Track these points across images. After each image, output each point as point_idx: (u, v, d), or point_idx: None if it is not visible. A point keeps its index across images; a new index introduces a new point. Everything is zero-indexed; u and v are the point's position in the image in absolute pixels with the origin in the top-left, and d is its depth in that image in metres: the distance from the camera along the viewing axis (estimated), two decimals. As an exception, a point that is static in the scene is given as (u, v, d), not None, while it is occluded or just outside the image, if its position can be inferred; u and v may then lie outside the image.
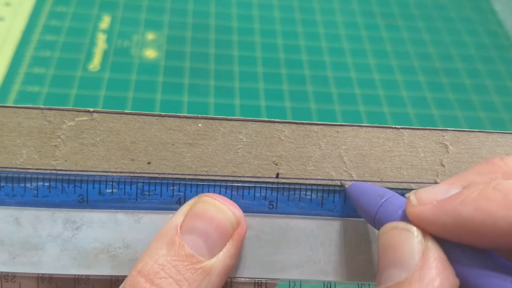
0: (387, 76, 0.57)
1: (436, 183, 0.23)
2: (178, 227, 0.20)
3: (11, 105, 0.22)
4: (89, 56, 0.54)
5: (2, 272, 0.22)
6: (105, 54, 0.55)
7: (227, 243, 0.21)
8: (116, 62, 0.54)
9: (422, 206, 0.18)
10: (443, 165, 0.23)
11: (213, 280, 0.20)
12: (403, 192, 0.23)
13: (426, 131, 0.23)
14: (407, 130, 0.23)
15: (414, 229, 0.18)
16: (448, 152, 0.23)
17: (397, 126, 0.23)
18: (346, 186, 0.22)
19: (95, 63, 0.54)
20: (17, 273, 0.22)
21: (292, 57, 0.58)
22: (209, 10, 0.62)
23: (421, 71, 0.59)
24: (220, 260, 0.20)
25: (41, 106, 0.22)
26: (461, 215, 0.17)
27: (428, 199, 0.18)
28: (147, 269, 0.19)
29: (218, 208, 0.21)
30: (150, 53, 0.56)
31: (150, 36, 0.58)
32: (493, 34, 0.65)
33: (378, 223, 0.20)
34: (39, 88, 0.50)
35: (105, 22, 0.58)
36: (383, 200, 0.20)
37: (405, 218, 0.19)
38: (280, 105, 0.52)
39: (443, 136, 0.23)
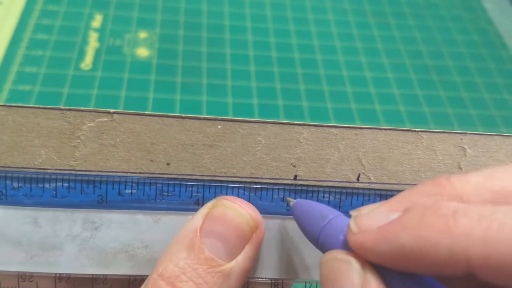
0: (378, 74, 0.58)
1: None
2: (198, 230, 0.21)
3: (30, 105, 0.22)
4: (81, 54, 0.54)
5: (19, 272, 0.22)
6: (97, 52, 0.55)
7: (246, 246, 0.21)
8: (108, 61, 0.54)
9: (362, 233, 0.17)
10: (460, 168, 0.23)
11: (232, 283, 0.20)
12: None
13: (445, 134, 0.23)
14: (426, 133, 0.23)
15: (353, 260, 0.17)
16: (466, 155, 0.23)
17: (416, 129, 0.23)
18: (291, 203, 0.21)
19: (87, 61, 0.54)
20: (35, 273, 0.22)
21: (284, 55, 0.58)
22: (201, 8, 0.62)
23: (412, 69, 0.59)
24: (239, 263, 0.21)
25: (61, 107, 0.22)
26: (401, 243, 0.16)
27: (368, 225, 0.17)
28: (168, 273, 0.20)
29: (237, 211, 0.21)
30: (143, 52, 0.56)
31: (142, 34, 0.58)
32: (483, 32, 0.66)
33: (321, 248, 0.19)
34: (31, 87, 0.50)
35: (97, 20, 0.58)
36: (325, 222, 0.19)
37: (346, 245, 0.18)
38: (273, 103, 0.53)
39: (462, 139, 0.23)
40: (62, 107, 0.22)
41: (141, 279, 0.23)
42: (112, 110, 0.22)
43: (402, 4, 0.68)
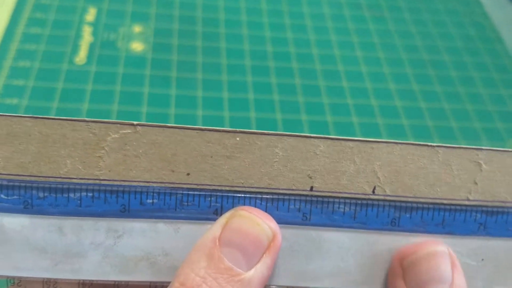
0: (374, 69, 0.58)
1: (468, 200, 0.24)
2: (217, 240, 0.21)
3: (56, 117, 0.22)
4: (75, 49, 0.54)
5: (44, 278, 0.23)
6: (91, 47, 0.54)
7: (264, 255, 0.22)
8: (103, 55, 0.54)
9: None
10: (476, 183, 0.24)
11: None
12: (434, 207, 0.24)
13: (461, 149, 0.24)
14: (442, 148, 0.24)
15: None
16: (481, 170, 0.24)
17: (432, 144, 0.24)
18: None
19: (81, 56, 0.53)
20: (59, 279, 0.23)
21: (280, 50, 0.58)
22: (196, 2, 0.62)
23: (408, 63, 0.59)
24: (257, 272, 0.21)
25: (86, 119, 0.22)
26: None
27: None
28: (190, 282, 0.20)
29: (254, 222, 0.22)
30: (137, 46, 0.56)
31: (137, 28, 0.57)
32: (479, 26, 0.66)
33: None
34: (24, 82, 0.50)
35: (91, 14, 0.58)
36: None
37: None
38: (268, 98, 0.53)
39: (477, 155, 0.24)
40: (87, 119, 0.22)
41: (162, 285, 0.24)
42: (135, 122, 0.23)
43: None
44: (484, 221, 0.24)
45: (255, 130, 0.23)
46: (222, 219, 0.22)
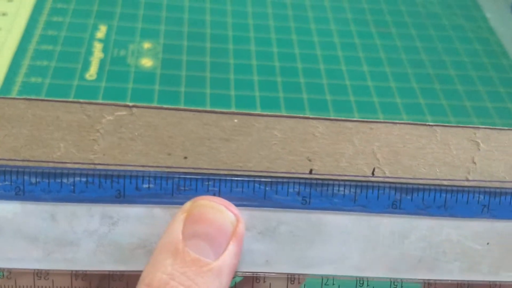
0: (381, 83, 0.58)
1: (467, 180, 0.23)
2: (180, 234, 0.20)
3: (50, 98, 0.22)
4: (86, 65, 0.55)
5: (35, 270, 0.22)
6: (102, 63, 0.55)
7: (230, 242, 0.21)
8: (113, 71, 0.55)
9: None
10: (474, 163, 0.23)
11: (223, 280, 0.20)
12: (436, 189, 0.23)
13: (459, 128, 0.23)
14: (440, 128, 0.23)
15: None
16: (479, 149, 0.23)
17: (430, 123, 0.23)
18: None
19: (91, 72, 0.54)
20: (51, 270, 0.22)
21: (288, 65, 0.58)
22: (205, 19, 0.63)
23: (415, 78, 0.59)
24: (226, 259, 0.20)
25: (80, 100, 0.22)
26: None
27: None
28: (156, 281, 0.19)
29: (216, 209, 0.21)
30: (147, 62, 0.56)
31: (146, 45, 0.58)
32: (485, 41, 0.66)
33: None
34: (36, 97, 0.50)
35: (101, 31, 0.59)
36: None
37: None
38: (276, 111, 0.53)
39: (475, 134, 0.23)
40: (81, 100, 0.22)
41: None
42: (131, 104, 0.22)
43: (404, 14, 0.68)
44: (487, 203, 0.23)
45: (253, 112, 0.22)
46: (181, 214, 0.21)
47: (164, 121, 0.22)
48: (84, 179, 0.22)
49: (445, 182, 0.23)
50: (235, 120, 0.22)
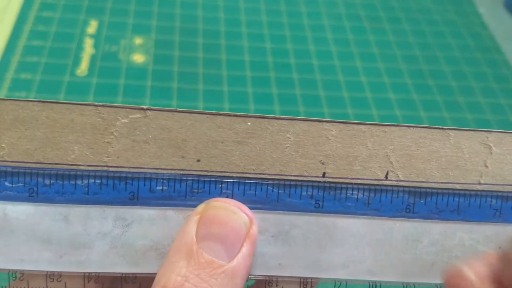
0: (374, 79, 0.58)
1: (480, 184, 0.23)
2: (193, 236, 0.20)
3: (64, 101, 0.22)
4: (77, 61, 0.54)
5: (48, 272, 0.22)
6: (93, 59, 0.55)
7: (244, 243, 0.21)
8: (104, 67, 0.54)
9: None
10: (486, 166, 0.23)
11: (237, 282, 0.20)
12: (449, 193, 0.23)
13: (471, 132, 0.23)
14: (453, 131, 0.23)
15: None
16: (491, 153, 0.23)
17: (443, 127, 0.23)
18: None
19: (82, 68, 0.54)
20: (64, 272, 0.22)
21: (280, 61, 0.58)
22: (197, 14, 0.62)
23: (408, 74, 0.59)
24: (240, 261, 0.20)
25: (96, 103, 0.22)
26: None
27: None
28: (171, 283, 0.19)
29: (229, 211, 0.21)
30: (138, 58, 0.56)
31: (138, 40, 0.58)
32: (478, 36, 0.66)
33: None
34: (26, 94, 0.50)
35: (92, 27, 0.58)
36: None
37: None
38: (269, 109, 0.53)
39: (487, 138, 0.24)
40: (96, 103, 0.22)
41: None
42: (145, 107, 0.22)
43: (396, 9, 0.68)
44: (499, 207, 0.23)
45: (267, 115, 0.23)
46: (194, 216, 0.21)
47: (177, 124, 0.22)
48: (98, 181, 0.22)
49: (457, 186, 0.23)
50: (248, 123, 0.23)
